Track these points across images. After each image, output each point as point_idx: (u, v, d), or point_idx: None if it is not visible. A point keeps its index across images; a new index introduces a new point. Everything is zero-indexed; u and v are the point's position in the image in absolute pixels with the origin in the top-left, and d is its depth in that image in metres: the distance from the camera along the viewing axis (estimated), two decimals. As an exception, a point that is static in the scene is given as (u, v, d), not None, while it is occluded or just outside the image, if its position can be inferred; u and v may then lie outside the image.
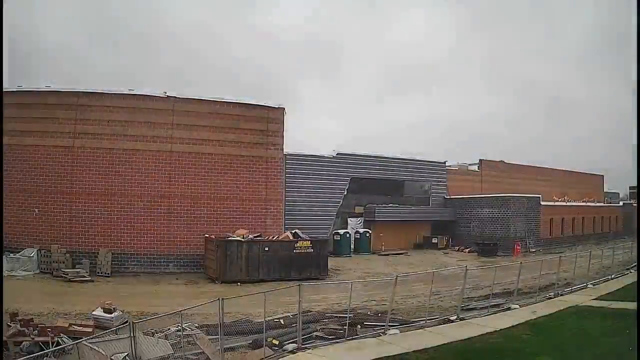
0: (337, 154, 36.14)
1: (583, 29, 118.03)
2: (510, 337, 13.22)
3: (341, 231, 35.57)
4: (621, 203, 59.62)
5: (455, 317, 15.23)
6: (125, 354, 10.22)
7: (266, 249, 24.21)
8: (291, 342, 12.26)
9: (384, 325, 13.81)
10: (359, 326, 14.10)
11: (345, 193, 36.32)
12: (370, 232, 37.02)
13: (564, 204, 46.94)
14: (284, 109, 29.02)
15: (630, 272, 24.39)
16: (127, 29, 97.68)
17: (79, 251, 24.53)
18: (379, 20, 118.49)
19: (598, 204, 54.43)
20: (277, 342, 12.30)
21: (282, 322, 14.53)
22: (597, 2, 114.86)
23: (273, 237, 26.26)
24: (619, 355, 11.16)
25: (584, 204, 50.37)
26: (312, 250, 25.12)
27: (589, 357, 11.42)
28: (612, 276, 23.72)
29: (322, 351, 11.85)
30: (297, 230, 26.80)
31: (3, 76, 10.99)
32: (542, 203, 42.09)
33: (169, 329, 12.98)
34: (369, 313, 16.33)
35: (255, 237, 25.33)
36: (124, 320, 13.74)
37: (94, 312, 14.26)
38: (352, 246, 36.09)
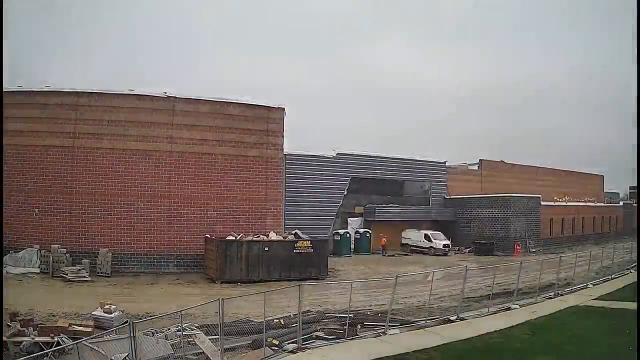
0: (337, 154, 36.12)
1: (584, 28, 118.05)
2: (510, 337, 13.21)
3: (341, 231, 35.56)
4: (621, 203, 59.65)
5: (455, 317, 15.23)
6: (126, 354, 10.22)
7: (266, 249, 24.17)
8: (291, 342, 12.26)
9: (384, 325, 13.80)
10: (359, 326, 14.08)
11: (345, 193, 36.31)
12: (370, 232, 37.01)
13: (564, 204, 46.95)
14: (284, 109, 29.02)
15: (630, 272, 24.38)
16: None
17: (79, 251, 24.51)
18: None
19: (598, 204, 54.43)
20: (277, 342, 12.29)
21: (282, 322, 14.52)
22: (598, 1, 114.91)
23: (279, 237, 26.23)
24: (619, 355, 11.16)
25: (584, 204, 50.37)
26: (312, 250, 25.07)
27: (588, 357, 11.42)
28: (612, 276, 23.72)
29: (322, 351, 11.84)
30: (297, 231, 26.82)
31: (3, 76, 11.01)
32: (542, 203, 42.10)
33: (169, 329, 12.98)
34: (369, 313, 16.32)
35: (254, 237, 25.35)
36: (123, 320, 13.74)
37: (94, 312, 14.25)
38: (352, 246, 36.10)
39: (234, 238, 24.77)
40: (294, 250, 24.71)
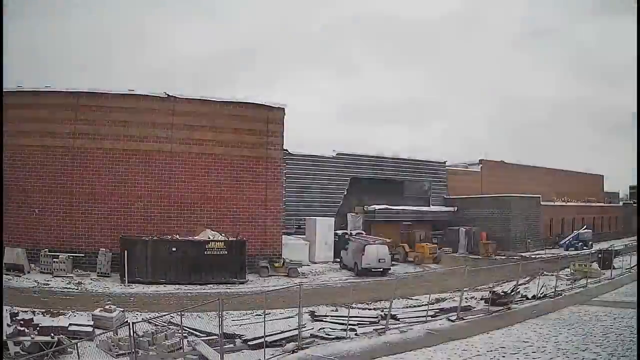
0: (337, 154, 36.12)
1: (586, 29, 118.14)
2: (510, 337, 13.25)
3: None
4: (621, 203, 59.65)
5: (455, 317, 15.28)
6: (127, 354, 10.25)
7: (173, 249, 22.89)
8: (291, 342, 12.28)
9: (384, 326, 13.84)
10: (358, 326, 14.12)
11: (345, 193, 36.30)
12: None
13: (564, 204, 46.97)
14: (284, 108, 28.94)
15: (631, 272, 24.43)
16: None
17: (78, 251, 24.47)
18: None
19: (598, 204, 54.44)
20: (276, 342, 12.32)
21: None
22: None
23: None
24: (619, 355, 11.18)
25: (584, 204, 50.39)
26: (226, 252, 23.37)
27: (589, 356, 11.43)
28: (613, 276, 23.79)
29: (321, 351, 11.87)
30: (209, 230, 24.89)
31: (3, 76, 11.02)
32: (542, 203, 42.10)
33: (169, 328, 13.01)
34: (369, 313, 16.35)
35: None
36: (123, 320, 13.75)
37: (94, 312, 14.25)
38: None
39: (144, 237, 23.70)
40: (205, 252, 23.01)
